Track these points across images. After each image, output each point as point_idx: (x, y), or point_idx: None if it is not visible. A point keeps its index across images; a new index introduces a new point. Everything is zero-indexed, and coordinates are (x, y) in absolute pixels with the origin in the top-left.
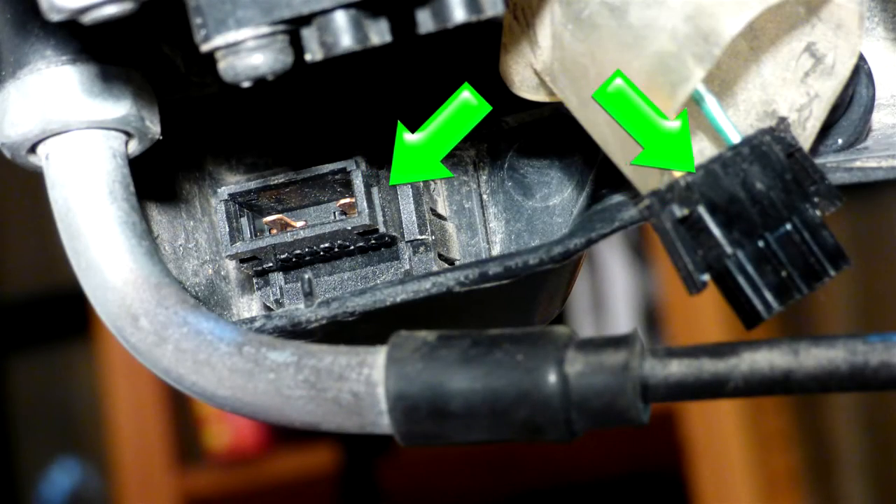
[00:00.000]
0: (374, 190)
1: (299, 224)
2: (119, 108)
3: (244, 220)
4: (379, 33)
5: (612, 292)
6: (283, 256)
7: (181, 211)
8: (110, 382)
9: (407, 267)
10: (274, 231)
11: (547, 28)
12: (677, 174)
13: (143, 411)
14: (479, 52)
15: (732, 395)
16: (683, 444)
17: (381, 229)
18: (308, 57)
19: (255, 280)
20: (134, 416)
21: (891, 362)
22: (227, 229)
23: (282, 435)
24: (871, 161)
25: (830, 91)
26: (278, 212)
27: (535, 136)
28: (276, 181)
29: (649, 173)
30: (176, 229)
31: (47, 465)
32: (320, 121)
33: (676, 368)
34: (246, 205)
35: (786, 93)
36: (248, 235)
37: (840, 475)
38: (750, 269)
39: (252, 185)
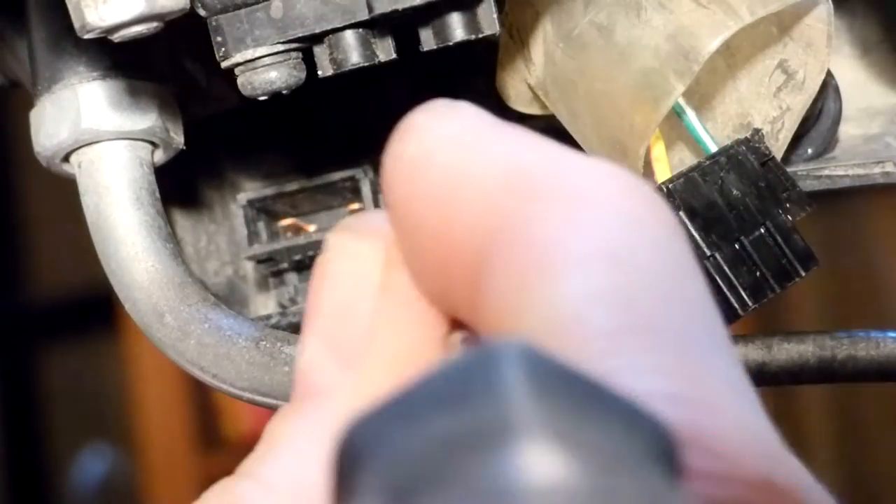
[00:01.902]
0: (381, 196)
1: (312, 228)
2: (145, 120)
3: (261, 224)
4: (385, 51)
5: None
6: (297, 258)
7: (203, 216)
8: (138, 374)
9: None
10: (289, 234)
11: (540, 46)
12: (660, 181)
13: (168, 401)
14: (477, 69)
15: None
16: None
17: None
18: (320, 73)
19: (271, 280)
20: (160, 405)
21: (856, 356)
22: (246, 232)
23: None
24: (838, 170)
25: (801, 104)
26: (293, 216)
27: None
28: (290, 188)
29: None
30: (198, 233)
31: (79, 451)
32: (331, 132)
33: None
34: (263, 210)
35: (760, 106)
36: (265, 238)
37: (813, 461)
38: (727, 269)
39: (268, 191)
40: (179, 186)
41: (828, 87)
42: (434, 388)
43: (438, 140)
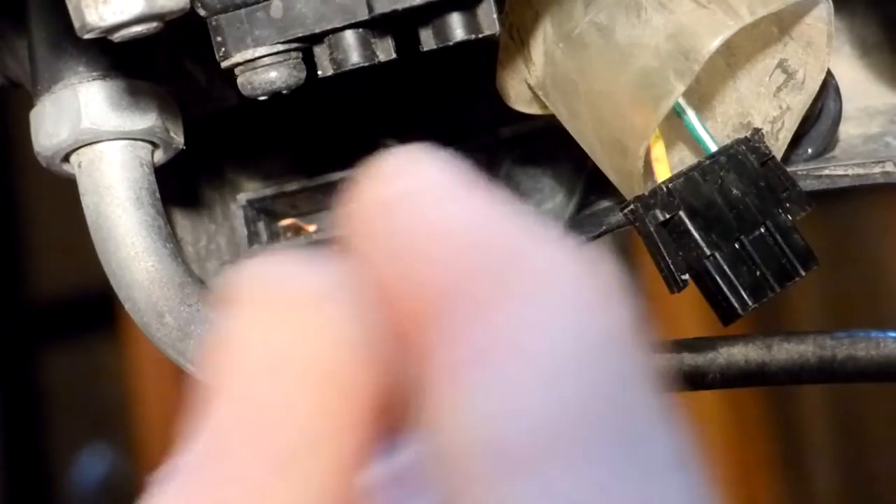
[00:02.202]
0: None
1: (312, 228)
2: (145, 120)
3: (261, 225)
4: (385, 51)
5: None
6: None
7: (203, 216)
8: (138, 374)
9: None
10: (289, 234)
11: (540, 46)
12: (660, 181)
13: (167, 401)
14: (477, 69)
15: (710, 386)
16: None
17: None
18: (320, 73)
19: None
20: (159, 405)
21: (856, 356)
22: (246, 233)
23: None
24: (838, 169)
25: (801, 104)
26: (293, 216)
27: (530, 146)
28: (290, 188)
29: (634, 181)
30: (198, 232)
31: (79, 451)
32: (331, 132)
33: (659, 362)
34: (263, 210)
35: (760, 106)
36: (265, 238)
37: (812, 462)
38: (727, 269)
39: (268, 191)
40: (179, 186)
41: (828, 86)
42: None
43: (410, 189)
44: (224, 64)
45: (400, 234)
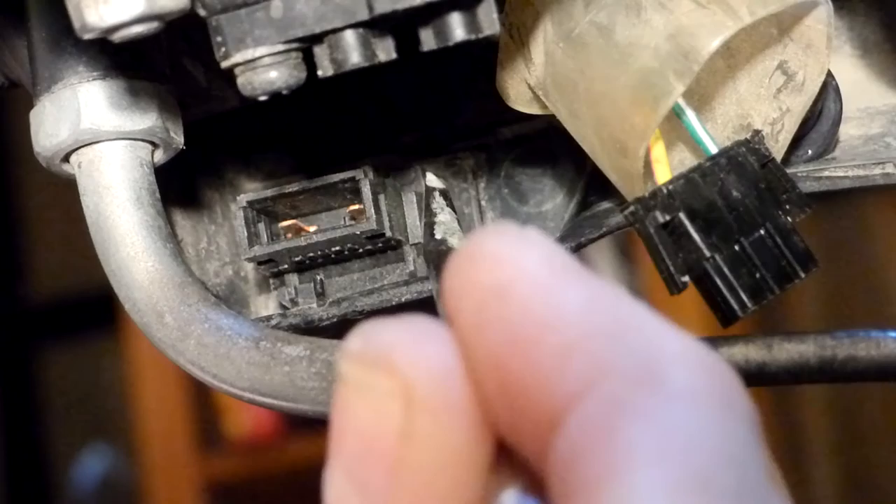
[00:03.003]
0: (381, 197)
1: (312, 229)
2: (145, 120)
3: (261, 225)
4: (385, 51)
5: None
6: (297, 259)
7: (203, 216)
8: (137, 374)
9: (412, 268)
10: (289, 235)
11: (540, 46)
12: (660, 182)
13: (167, 401)
14: (477, 69)
15: None
16: None
17: (388, 234)
18: (320, 73)
19: (271, 281)
20: (160, 405)
21: (857, 356)
22: (246, 234)
23: (298, 423)
24: (838, 170)
25: (801, 106)
26: (293, 217)
27: (530, 146)
28: (290, 189)
29: (634, 181)
30: (199, 233)
31: (79, 451)
32: (331, 133)
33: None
34: (263, 211)
35: (760, 107)
36: (265, 239)
37: (813, 461)
38: (726, 271)
39: (268, 192)
40: (180, 186)
41: (828, 87)
42: None
43: (516, 274)
44: (224, 64)
45: (516, 324)
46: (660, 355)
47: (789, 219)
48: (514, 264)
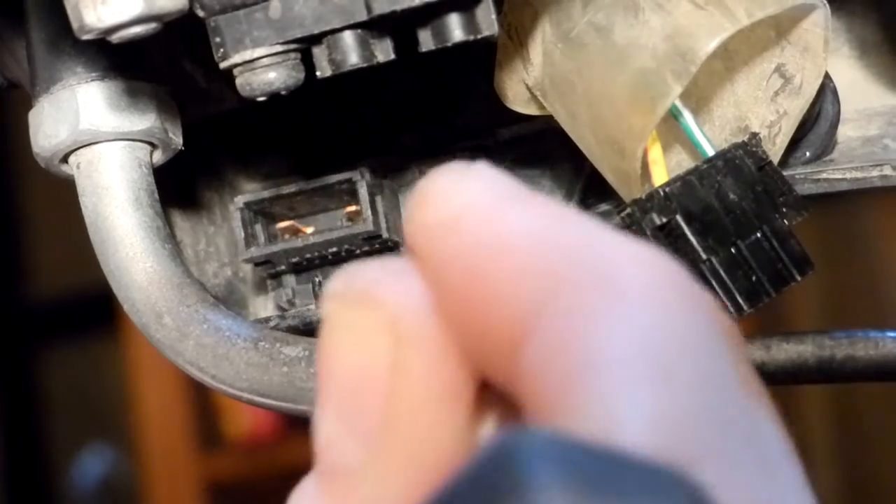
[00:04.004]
0: (378, 198)
1: (309, 230)
2: (144, 120)
3: (258, 227)
4: (384, 52)
5: None
6: (294, 260)
7: (202, 217)
8: (137, 374)
9: None
10: (286, 236)
11: (538, 46)
12: (657, 184)
13: (167, 401)
14: (476, 70)
15: None
16: None
17: (385, 235)
18: (318, 73)
19: (269, 282)
20: (159, 405)
21: (855, 356)
22: (243, 235)
23: (297, 423)
24: (836, 173)
25: (798, 109)
26: (290, 218)
27: (528, 147)
28: (287, 190)
29: (631, 182)
30: (197, 234)
31: (79, 451)
32: (330, 133)
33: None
34: (260, 212)
35: (757, 110)
36: (263, 241)
37: (812, 460)
38: (723, 273)
39: (266, 193)
40: (178, 187)
41: (826, 89)
42: (461, 492)
43: (464, 205)
44: (223, 65)
45: (468, 254)
46: (611, 261)
47: (786, 221)
48: (460, 197)
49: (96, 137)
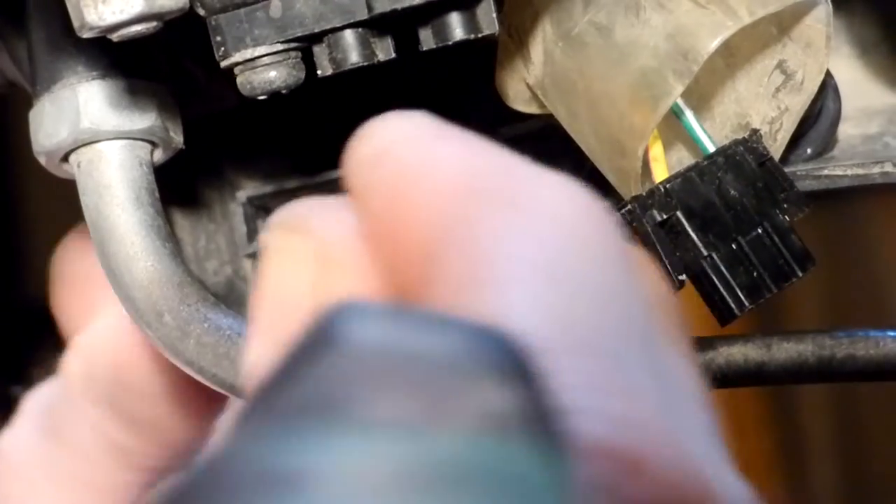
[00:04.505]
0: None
1: None
2: (145, 119)
3: (260, 222)
4: (384, 50)
5: None
6: None
7: (202, 215)
8: None
9: None
10: None
11: (539, 45)
12: (657, 181)
13: None
14: (476, 68)
15: (710, 385)
16: None
17: None
18: (319, 72)
19: None
20: None
21: (856, 355)
22: (245, 230)
23: None
24: (837, 169)
25: (800, 105)
26: None
27: (529, 146)
28: (290, 185)
29: (632, 180)
30: (197, 232)
31: None
32: (331, 132)
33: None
34: (262, 207)
35: (758, 106)
36: None
37: (812, 459)
38: (724, 269)
39: (268, 188)
40: (179, 186)
41: (827, 87)
42: (288, 356)
43: (392, 140)
44: (223, 63)
45: (392, 182)
46: (527, 185)
47: (787, 217)
48: (389, 134)
49: (97, 136)
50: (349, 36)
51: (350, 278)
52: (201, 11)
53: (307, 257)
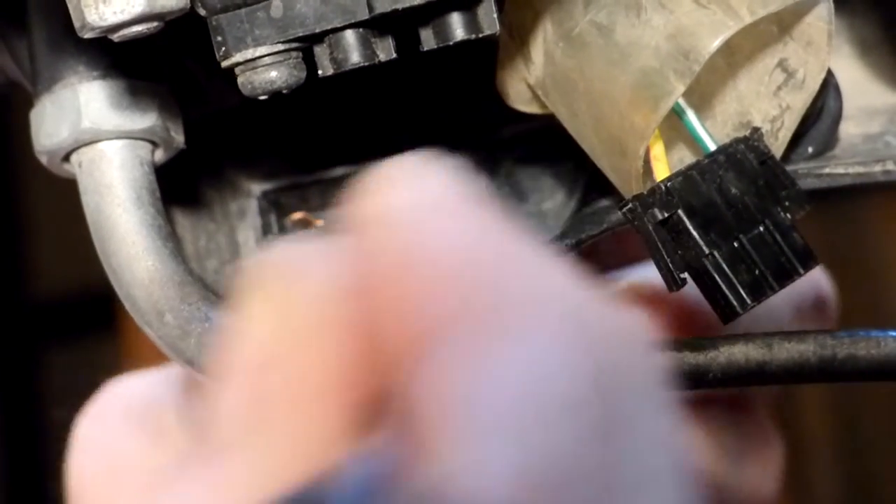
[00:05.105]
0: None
1: (320, 222)
2: (146, 119)
3: (272, 217)
4: (385, 50)
5: None
6: None
7: (203, 215)
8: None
9: None
10: (298, 228)
11: (539, 45)
12: (659, 180)
13: None
14: (477, 68)
15: (711, 385)
16: None
17: None
18: (320, 72)
19: None
20: None
21: (857, 355)
22: (260, 223)
23: None
24: (838, 168)
25: (801, 103)
26: (302, 210)
27: (530, 146)
28: (303, 181)
29: (633, 180)
30: (198, 232)
31: None
32: (331, 133)
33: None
34: (275, 202)
35: (760, 105)
36: (276, 231)
37: (812, 462)
38: (726, 268)
39: (283, 183)
40: (179, 186)
41: (828, 85)
42: None
43: (404, 204)
44: (224, 64)
45: (392, 254)
46: (516, 294)
47: (788, 216)
48: (404, 193)
49: (98, 136)
50: (350, 36)
51: (326, 347)
52: (202, 12)
53: (290, 313)
